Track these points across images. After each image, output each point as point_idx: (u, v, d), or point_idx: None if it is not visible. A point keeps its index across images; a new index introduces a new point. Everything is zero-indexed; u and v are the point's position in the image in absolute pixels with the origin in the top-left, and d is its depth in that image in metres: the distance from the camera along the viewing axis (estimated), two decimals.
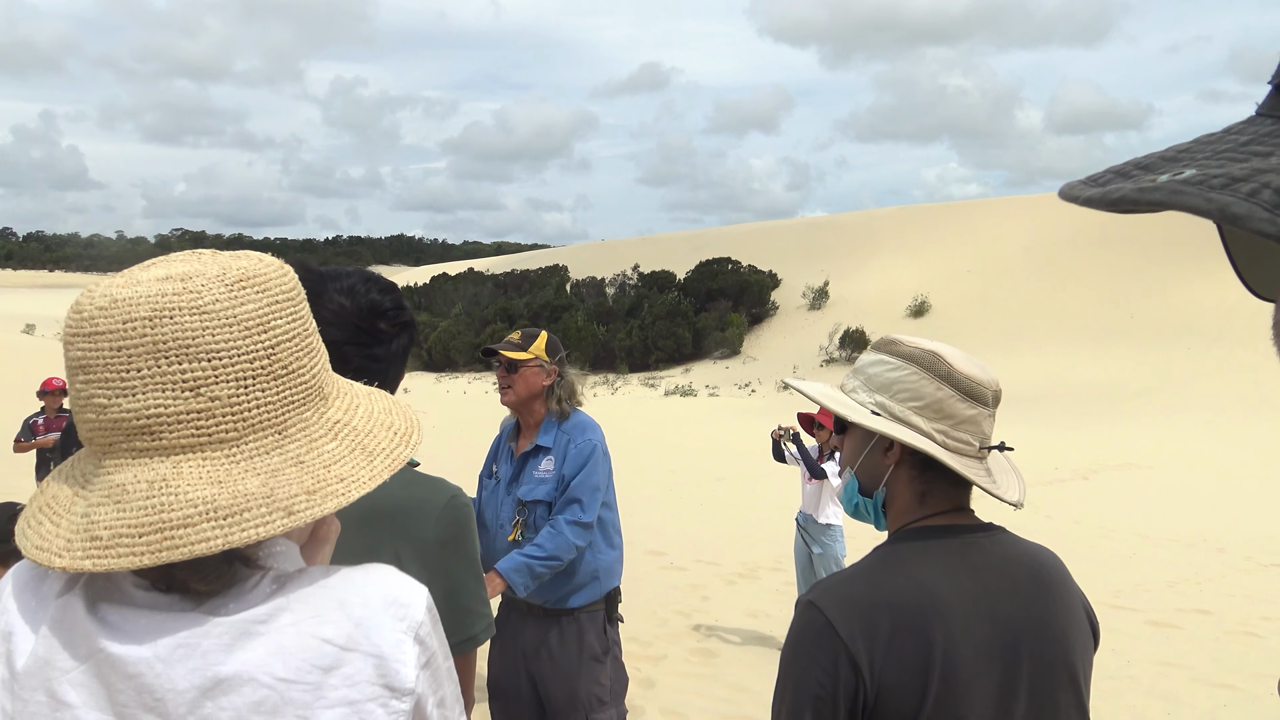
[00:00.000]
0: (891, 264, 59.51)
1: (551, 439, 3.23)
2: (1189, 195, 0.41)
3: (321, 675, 0.83)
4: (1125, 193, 0.44)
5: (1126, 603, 7.74)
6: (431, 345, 55.98)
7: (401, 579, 0.92)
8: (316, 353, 0.93)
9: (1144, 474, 16.27)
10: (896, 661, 1.27)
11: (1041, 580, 1.40)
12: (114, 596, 0.85)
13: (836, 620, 1.29)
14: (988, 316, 48.65)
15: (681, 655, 6.09)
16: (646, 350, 50.96)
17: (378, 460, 0.92)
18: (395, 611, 0.88)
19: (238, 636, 0.83)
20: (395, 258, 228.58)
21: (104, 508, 0.82)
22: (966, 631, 1.30)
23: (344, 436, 0.91)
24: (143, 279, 0.85)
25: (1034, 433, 21.12)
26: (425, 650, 0.89)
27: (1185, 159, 0.46)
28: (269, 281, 0.89)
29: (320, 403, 0.92)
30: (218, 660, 0.82)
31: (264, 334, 0.86)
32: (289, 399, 0.88)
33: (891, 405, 1.42)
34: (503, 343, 3.28)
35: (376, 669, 0.85)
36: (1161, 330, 40.93)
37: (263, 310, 0.87)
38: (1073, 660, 1.39)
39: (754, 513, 11.84)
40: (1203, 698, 5.60)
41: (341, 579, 0.89)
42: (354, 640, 0.85)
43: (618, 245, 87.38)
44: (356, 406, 0.96)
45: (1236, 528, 11.20)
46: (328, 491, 0.86)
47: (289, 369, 0.88)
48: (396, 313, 1.56)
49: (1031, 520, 11.07)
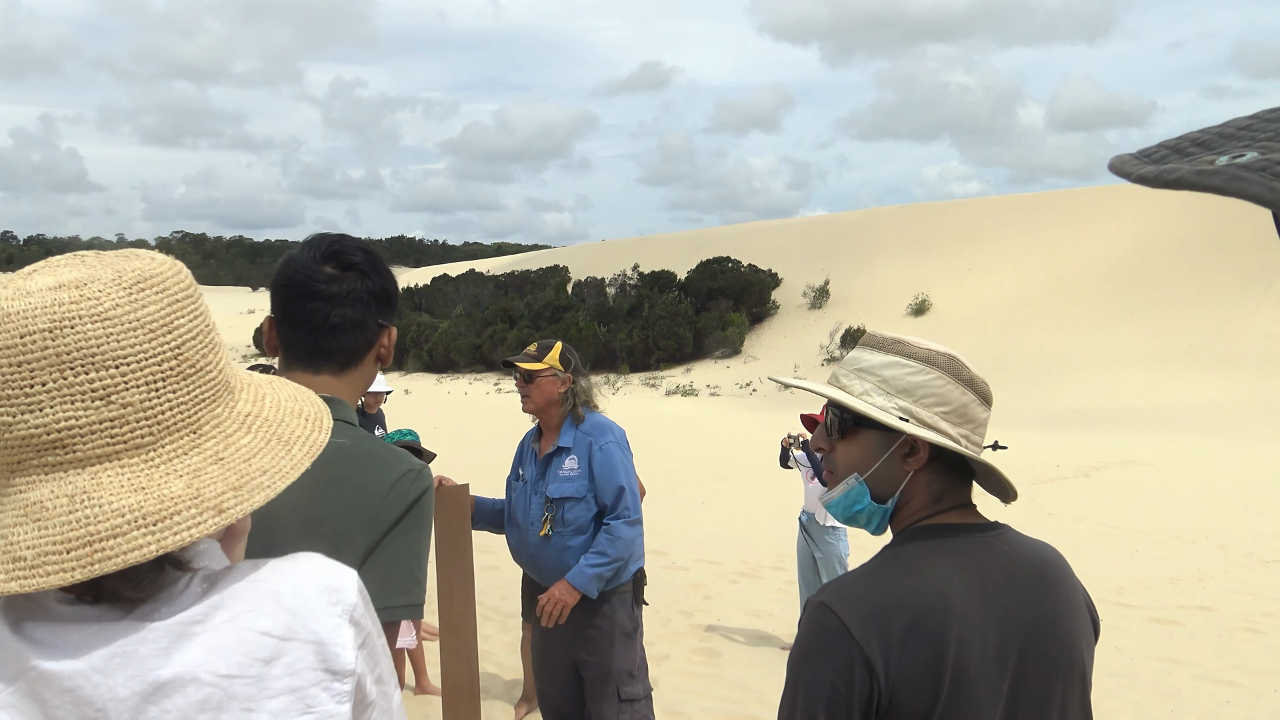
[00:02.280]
0: (892, 263, 59.48)
1: (571, 440, 3.50)
2: (1250, 183, 0.38)
3: (263, 667, 0.84)
4: (1182, 174, 0.42)
5: (1129, 600, 7.74)
6: (432, 347, 55.98)
7: (331, 565, 0.93)
8: (219, 347, 0.93)
9: (1145, 471, 16.26)
10: (910, 662, 1.26)
11: (1046, 577, 1.40)
12: (38, 615, 0.83)
13: (850, 621, 1.27)
14: (988, 315, 48.62)
15: (684, 655, 6.10)
16: (647, 350, 50.95)
17: (295, 449, 0.92)
18: (329, 597, 0.89)
19: (175, 639, 0.82)
20: (396, 259, 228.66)
21: (22, 528, 0.79)
22: (977, 630, 1.30)
23: (258, 429, 0.92)
24: (32, 289, 0.82)
25: (1036, 429, 21.12)
26: (361, 631, 0.91)
27: (1246, 138, 0.43)
28: (166, 281, 0.88)
29: (229, 397, 0.91)
30: (157, 665, 0.81)
31: (169, 335, 0.85)
32: (200, 397, 0.87)
33: (917, 410, 1.37)
34: (520, 354, 3.54)
35: (317, 655, 0.86)
36: (1163, 325, 40.90)
37: (165, 311, 0.86)
38: (1078, 656, 1.39)
39: (756, 512, 11.84)
40: (1205, 694, 5.60)
41: (272, 570, 0.90)
42: (292, 630, 0.86)
43: (618, 245, 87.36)
44: (264, 397, 0.96)
45: (1238, 524, 11.20)
46: (253, 485, 0.87)
47: (197, 367, 0.88)
48: (341, 256, 1.57)
49: (1034, 517, 11.07)
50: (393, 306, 1.65)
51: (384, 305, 1.62)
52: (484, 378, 50.48)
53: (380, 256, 1.66)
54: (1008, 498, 1.46)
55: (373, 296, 1.59)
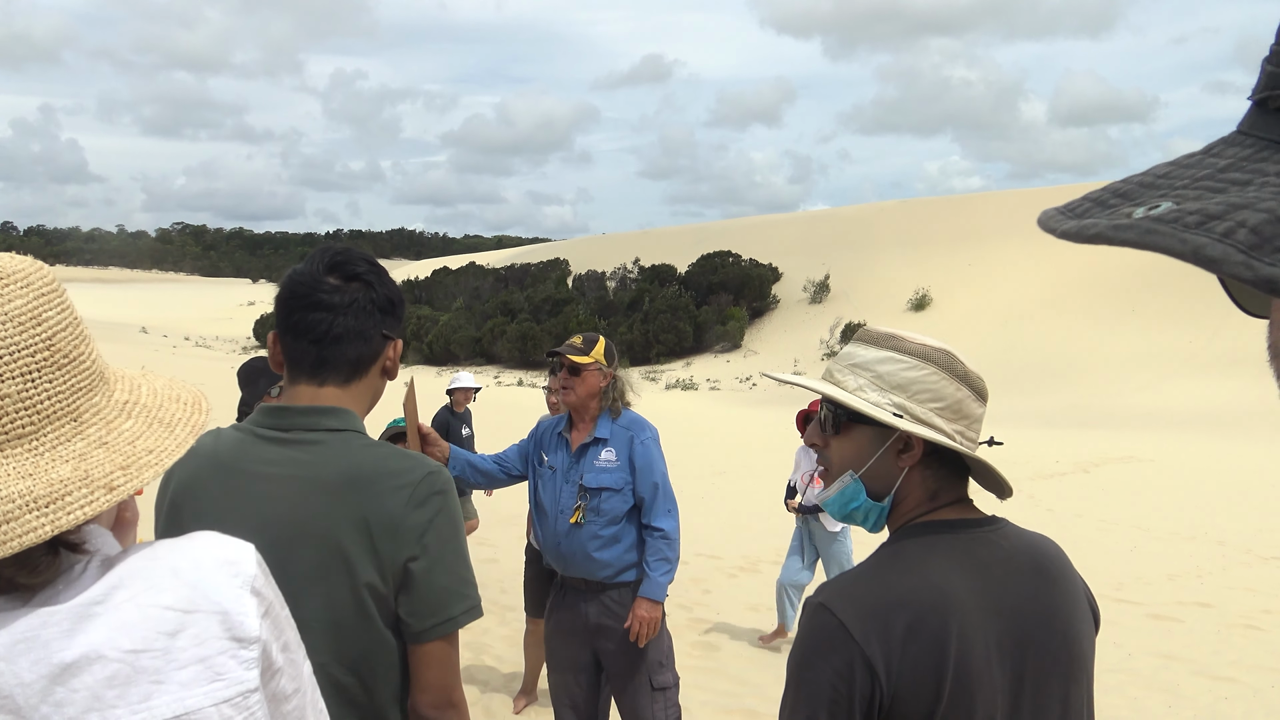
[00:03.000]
0: (893, 258, 59.44)
1: (608, 432, 3.53)
2: (1162, 236, 0.39)
3: (168, 640, 0.85)
4: (1100, 230, 0.43)
5: (1127, 596, 7.75)
6: (433, 339, 55.98)
7: (227, 540, 0.95)
8: (89, 340, 0.95)
9: (1145, 467, 16.27)
10: (912, 661, 1.25)
11: (1045, 571, 1.40)
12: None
13: (850, 622, 1.26)
14: (989, 311, 48.61)
15: (683, 649, 6.10)
16: (648, 344, 50.95)
17: (178, 430, 0.95)
18: (228, 569, 0.92)
19: (77, 620, 0.83)
20: (396, 251, 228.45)
21: None
22: (977, 627, 1.29)
23: (138, 414, 0.94)
24: None
25: (1036, 425, 21.12)
26: (263, 601, 0.93)
27: (1164, 186, 0.44)
28: (29, 276, 0.89)
29: (104, 387, 0.94)
30: (61, 646, 0.82)
31: (38, 327, 0.87)
32: (76, 386, 0.89)
33: (912, 406, 1.36)
34: (565, 346, 3.54)
35: (221, 624, 0.88)
36: (1164, 322, 40.89)
37: (31, 304, 0.87)
38: (1079, 649, 1.39)
39: (755, 506, 11.85)
40: (1204, 690, 5.61)
41: (168, 549, 0.92)
42: (194, 602, 0.88)
43: (618, 239, 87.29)
44: (139, 386, 0.99)
45: (1237, 521, 11.21)
46: (141, 464, 0.89)
47: (70, 357, 0.89)
48: (344, 266, 1.57)
49: (1033, 513, 11.08)
50: (398, 318, 1.64)
51: (388, 316, 1.61)
52: (484, 371, 50.47)
53: (385, 269, 1.65)
54: (1003, 494, 1.46)
55: (376, 307, 1.58)
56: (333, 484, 1.47)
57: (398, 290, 1.64)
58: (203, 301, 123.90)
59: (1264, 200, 0.38)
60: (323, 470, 1.48)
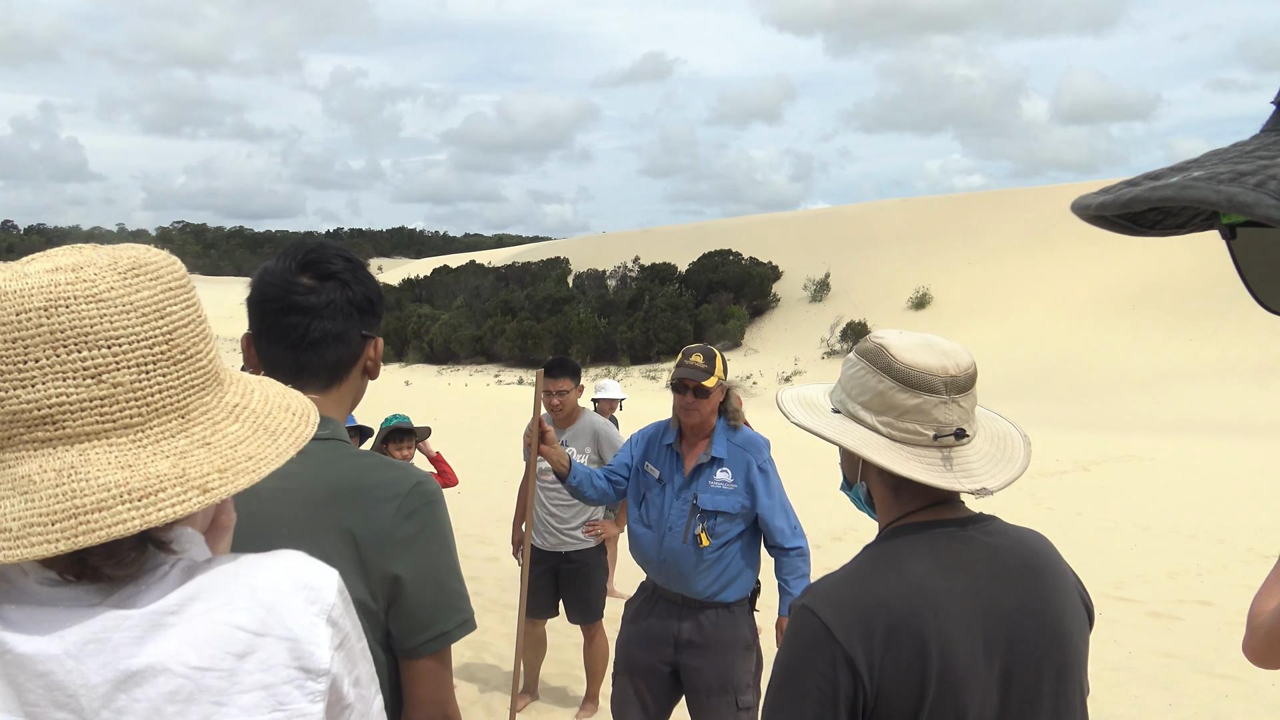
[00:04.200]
0: (893, 256, 59.43)
1: (725, 450, 3.47)
2: (1198, 188, 0.42)
3: (236, 661, 0.83)
4: (1136, 194, 0.46)
5: (1128, 594, 7.75)
6: (433, 338, 55.99)
7: (311, 563, 0.93)
8: (210, 339, 0.95)
9: (1145, 466, 16.27)
10: (894, 662, 1.27)
11: (1032, 567, 1.40)
12: (15, 597, 0.84)
13: (832, 624, 1.28)
14: (989, 309, 48.59)
15: None
16: (648, 343, 50.93)
17: (281, 439, 0.94)
18: (306, 595, 0.89)
19: (149, 628, 0.83)
20: (396, 250, 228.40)
21: (10, 500, 0.81)
22: (962, 627, 1.30)
23: (245, 419, 0.93)
24: (30, 272, 0.85)
25: (1035, 423, 21.11)
26: (338, 632, 0.90)
27: (1194, 167, 0.46)
28: (160, 269, 0.90)
29: (218, 387, 0.93)
30: (129, 653, 0.81)
31: (161, 320, 0.87)
32: (189, 383, 0.89)
33: (848, 401, 1.44)
34: (689, 368, 3.43)
35: (291, 652, 0.86)
36: (1165, 320, 40.88)
37: (158, 297, 0.88)
38: (1069, 644, 1.39)
39: None
40: (1204, 688, 5.61)
41: (251, 565, 0.90)
42: (267, 625, 0.86)
43: (619, 237, 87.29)
44: (252, 391, 0.98)
45: (1238, 519, 11.20)
46: (238, 469, 0.87)
47: (187, 354, 0.89)
48: (318, 265, 1.50)
49: (1033, 511, 11.08)
50: (376, 316, 1.57)
51: (367, 315, 1.54)
52: (484, 369, 50.50)
53: (362, 263, 1.57)
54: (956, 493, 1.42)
55: (354, 306, 1.51)
56: (318, 496, 1.41)
57: (376, 286, 1.58)
58: (203, 300, 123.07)
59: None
60: (307, 482, 1.41)
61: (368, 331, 1.55)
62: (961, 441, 1.39)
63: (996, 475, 1.40)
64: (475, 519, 9.58)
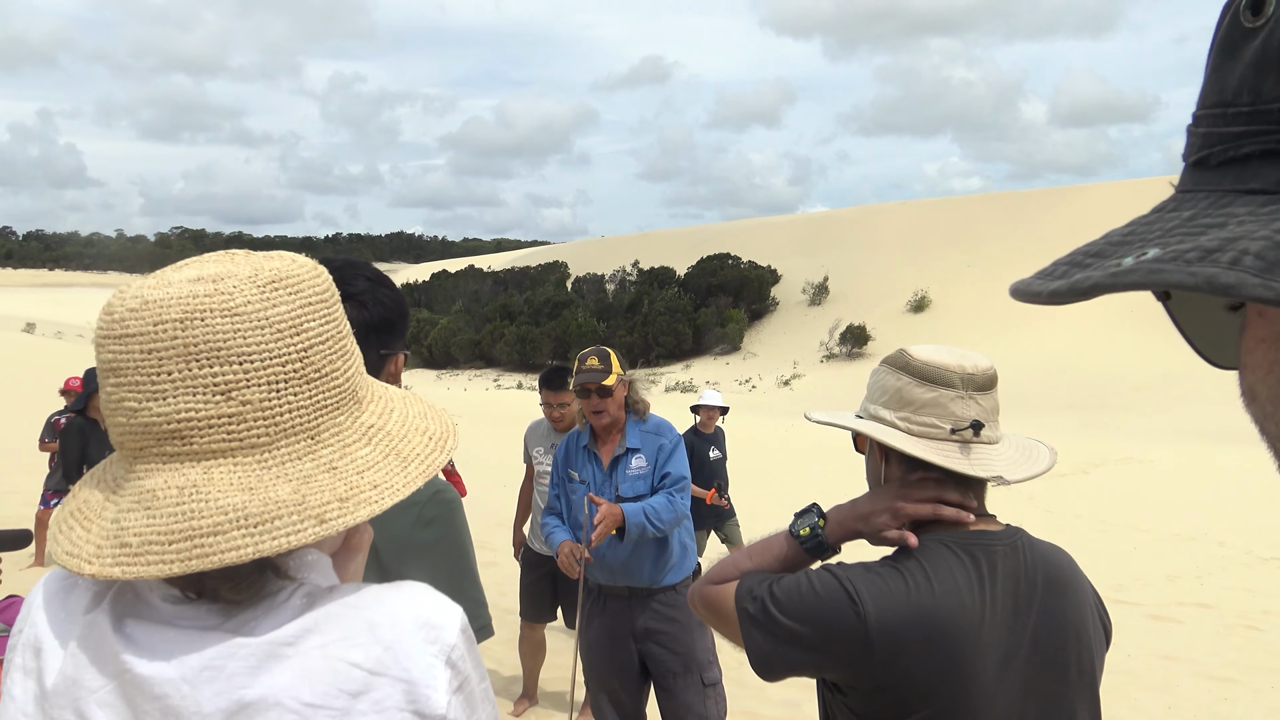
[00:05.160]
0: (892, 259, 59.47)
1: (638, 439, 3.61)
2: (1169, 273, 0.39)
3: (349, 700, 0.81)
4: (1097, 280, 0.42)
5: (1127, 597, 7.75)
6: (432, 343, 56.00)
7: (434, 599, 0.89)
8: (350, 356, 0.91)
9: (1144, 468, 16.27)
10: (923, 668, 1.29)
11: (1056, 584, 1.42)
12: (141, 613, 0.84)
13: (874, 626, 1.30)
14: (988, 312, 48.63)
15: None
16: (647, 346, 50.97)
17: (412, 466, 0.89)
18: (427, 634, 0.85)
19: (264, 659, 0.81)
20: (395, 255, 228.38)
21: (134, 514, 0.80)
22: (988, 640, 1.32)
23: (378, 441, 0.89)
24: (174, 280, 0.83)
25: (1036, 426, 21.10)
26: (458, 674, 0.86)
27: (1137, 240, 0.44)
28: (302, 283, 0.87)
29: (354, 406, 0.89)
30: (244, 683, 0.80)
31: (296, 336, 0.84)
32: (321, 403, 0.86)
33: (869, 405, 1.49)
34: (587, 372, 3.52)
35: (406, 694, 0.82)
36: (1164, 323, 40.85)
37: (295, 312, 0.85)
38: (1087, 661, 1.41)
39: (754, 507, 11.84)
40: (1204, 691, 5.61)
41: (372, 598, 0.86)
42: (383, 664, 0.82)
43: (618, 241, 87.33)
44: (391, 410, 0.93)
45: (1237, 522, 11.21)
46: (360, 499, 0.84)
47: (322, 372, 0.86)
48: (339, 286, 1.47)
49: (1032, 514, 11.08)
50: (397, 333, 1.55)
51: (385, 335, 1.52)
52: (483, 374, 50.49)
53: (387, 281, 1.54)
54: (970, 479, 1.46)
55: (370, 329, 1.48)
56: None
57: (396, 304, 1.56)
58: None
59: (1256, 231, 0.38)
60: None
61: (386, 350, 1.53)
62: (981, 437, 1.41)
63: (1016, 471, 1.42)
64: (474, 523, 9.51)
